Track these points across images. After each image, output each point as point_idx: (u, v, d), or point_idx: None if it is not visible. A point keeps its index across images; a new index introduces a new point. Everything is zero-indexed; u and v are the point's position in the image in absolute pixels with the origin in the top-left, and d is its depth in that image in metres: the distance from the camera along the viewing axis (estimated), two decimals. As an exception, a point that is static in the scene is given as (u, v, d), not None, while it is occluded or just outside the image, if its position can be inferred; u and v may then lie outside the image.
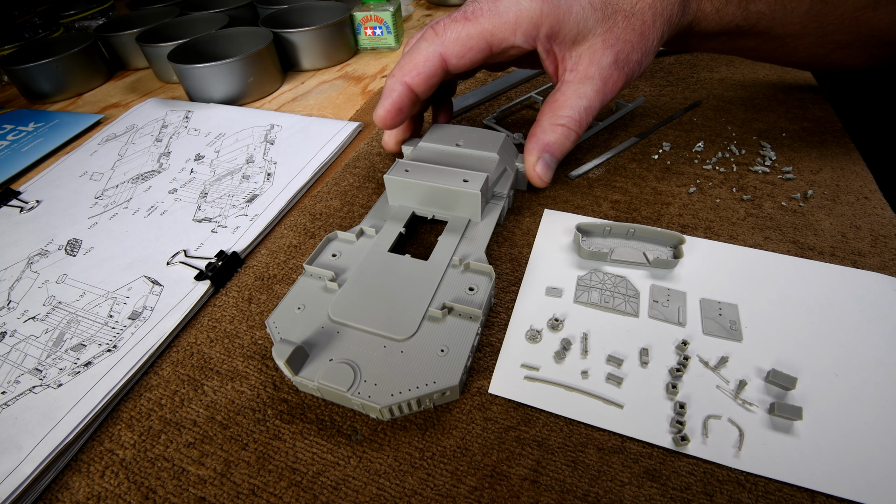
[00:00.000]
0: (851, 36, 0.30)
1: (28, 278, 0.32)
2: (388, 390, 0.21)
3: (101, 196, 0.40)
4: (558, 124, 0.29)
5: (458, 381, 0.22)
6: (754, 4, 0.29)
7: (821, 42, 0.31)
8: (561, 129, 0.29)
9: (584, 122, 0.29)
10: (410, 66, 0.28)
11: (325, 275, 0.26)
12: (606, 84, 0.28)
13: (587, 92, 0.28)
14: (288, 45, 0.56)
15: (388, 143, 0.35)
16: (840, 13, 0.29)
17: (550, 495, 0.20)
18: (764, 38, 0.31)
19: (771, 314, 0.25)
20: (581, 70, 0.27)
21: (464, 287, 0.26)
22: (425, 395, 0.21)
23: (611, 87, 0.28)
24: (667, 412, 0.22)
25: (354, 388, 0.21)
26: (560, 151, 0.30)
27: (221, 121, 0.48)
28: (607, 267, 0.28)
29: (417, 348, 0.23)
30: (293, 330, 0.24)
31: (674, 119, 0.41)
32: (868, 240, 0.29)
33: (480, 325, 0.24)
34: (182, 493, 0.21)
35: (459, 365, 0.22)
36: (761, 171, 0.35)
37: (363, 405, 0.21)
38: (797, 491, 0.19)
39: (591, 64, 0.27)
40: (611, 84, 0.28)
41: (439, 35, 0.27)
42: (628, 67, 0.28)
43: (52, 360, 0.26)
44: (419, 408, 0.22)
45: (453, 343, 0.23)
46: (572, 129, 0.29)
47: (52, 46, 0.62)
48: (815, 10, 0.29)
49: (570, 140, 0.29)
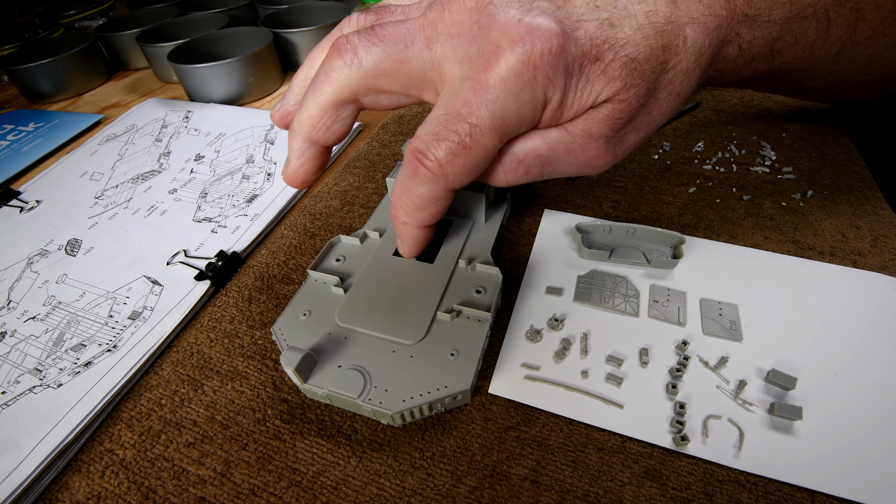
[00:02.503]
0: (874, 77, 0.28)
1: (28, 278, 0.32)
2: (399, 396, 0.21)
3: (101, 196, 0.39)
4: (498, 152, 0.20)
5: (470, 384, 0.21)
6: (780, 57, 0.24)
7: (841, 83, 0.29)
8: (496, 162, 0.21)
9: (528, 170, 0.21)
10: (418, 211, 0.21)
11: (330, 280, 0.26)
12: (585, 151, 0.20)
13: (555, 140, 0.20)
14: (288, 45, 0.56)
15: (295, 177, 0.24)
16: (869, 53, 0.26)
17: (550, 495, 0.20)
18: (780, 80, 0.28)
19: (771, 314, 0.25)
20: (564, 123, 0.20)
21: (471, 289, 0.25)
22: (437, 399, 0.21)
23: (588, 157, 0.21)
24: (667, 412, 0.22)
25: (365, 395, 0.21)
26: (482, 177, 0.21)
27: (221, 121, 0.48)
28: (607, 267, 0.28)
29: (427, 352, 0.23)
30: (300, 337, 0.24)
31: (674, 119, 0.41)
32: (868, 240, 0.29)
33: (490, 327, 0.24)
34: (182, 493, 0.21)
35: (471, 368, 0.22)
36: (761, 171, 0.35)
37: (374, 412, 0.21)
38: (797, 491, 0.19)
39: (579, 123, 0.20)
40: (590, 155, 0.20)
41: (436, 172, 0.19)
42: (623, 146, 0.21)
43: (52, 360, 0.26)
44: (431, 413, 0.22)
45: (463, 346, 0.23)
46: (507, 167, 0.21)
47: (52, 46, 0.62)
48: (843, 53, 0.26)
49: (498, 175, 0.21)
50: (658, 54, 0.19)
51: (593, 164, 0.21)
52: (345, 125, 0.22)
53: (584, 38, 0.18)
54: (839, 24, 0.24)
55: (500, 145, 0.20)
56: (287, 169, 0.23)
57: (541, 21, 0.18)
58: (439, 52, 0.20)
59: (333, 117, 0.22)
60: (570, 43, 0.18)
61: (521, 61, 0.17)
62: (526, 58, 0.17)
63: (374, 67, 0.20)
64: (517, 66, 0.18)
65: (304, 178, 0.24)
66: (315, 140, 0.22)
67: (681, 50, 0.19)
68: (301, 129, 0.22)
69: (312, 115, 0.22)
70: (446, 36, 0.19)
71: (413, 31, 0.20)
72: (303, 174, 0.23)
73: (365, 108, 0.22)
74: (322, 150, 0.23)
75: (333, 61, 0.21)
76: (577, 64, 0.18)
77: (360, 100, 0.22)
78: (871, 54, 0.26)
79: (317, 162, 0.23)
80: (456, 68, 0.19)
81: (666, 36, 0.19)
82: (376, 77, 0.20)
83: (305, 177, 0.24)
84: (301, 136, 0.22)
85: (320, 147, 0.23)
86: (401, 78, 0.21)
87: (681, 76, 0.20)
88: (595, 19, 0.18)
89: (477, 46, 0.18)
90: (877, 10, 0.24)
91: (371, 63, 0.20)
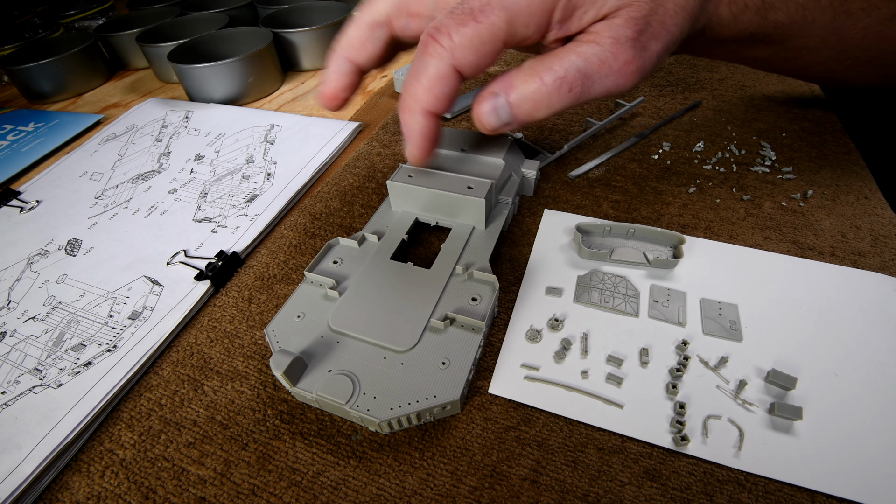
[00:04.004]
0: (872, 52, 0.29)
1: (28, 278, 0.32)
2: (387, 404, 0.21)
3: (101, 196, 0.40)
4: (536, 72, 0.22)
5: (460, 395, 0.21)
6: (773, 13, 0.26)
7: (838, 57, 0.29)
8: (536, 81, 0.22)
9: (571, 87, 0.22)
10: (425, 91, 0.23)
11: (326, 282, 0.26)
12: (617, 58, 0.22)
13: (589, 53, 0.22)
14: (288, 45, 0.56)
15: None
16: (864, 25, 0.27)
17: (550, 495, 0.20)
18: (778, 48, 0.29)
19: (771, 314, 0.25)
20: (589, 35, 0.22)
21: (467, 297, 0.25)
22: (425, 409, 0.21)
23: (621, 64, 0.22)
24: (667, 412, 0.22)
25: (353, 401, 0.21)
26: (522, 103, 0.23)
27: (221, 121, 0.48)
28: (607, 267, 0.28)
29: (418, 360, 0.22)
30: (292, 339, 0.24)
31: (674, 119, 0.41)
32: (868, 240, 0.29)
33: (483, 338, 0.24)
34: (182, 493, 0.21)
35: (461, 379, 0.22)
36: (761, 171, 0.35)
37: (362, 418, 0.21)
38: (797, 491, 0.19)
39: (604, 31, 0.22)
40: (622, 61, 0.22)
41: (445, 45, 0.22)
42: (647, 54, 0.22)
43: (52, 360, 0.26)
44: (419, 422, 0.22)
45: (455, 355, 0.23)
46: (550, 86, 0.22)
47: (52, 46, 0.62)
48: (837, 22, 0.26)
49: (542, 98, 0.22)
50: None
51: (626, 70, 0.22)
52: (377, 46, 0.25)
53: None
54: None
55: (509, 31, 0.22)
56: (322, 86, 0.26)
57: None
58: None
59: (367, 36, 0.25)
60: None
61: None
62: None
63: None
64: None
65: (334, 92, 0.26)
66: (349, 57, 0.25)
67: None
68: (339, 48, 0.26)
69: (350, 34, 0.25)
70: None
71: None
72: (334, 89, 0.26)
73: (397, 34, 0.25)
74: (355, 69, 0.26)
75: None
76: None
77: (392, 23, 0.25)
78: (865, 27, 0.27)
79: (348, 78, 0.26)
80: None
81: None
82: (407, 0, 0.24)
83: (336, 92, 0.26)
84: (338, 53, 0.26)
85: (353, 66, 0.26)
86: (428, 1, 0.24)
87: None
88: None
89: None
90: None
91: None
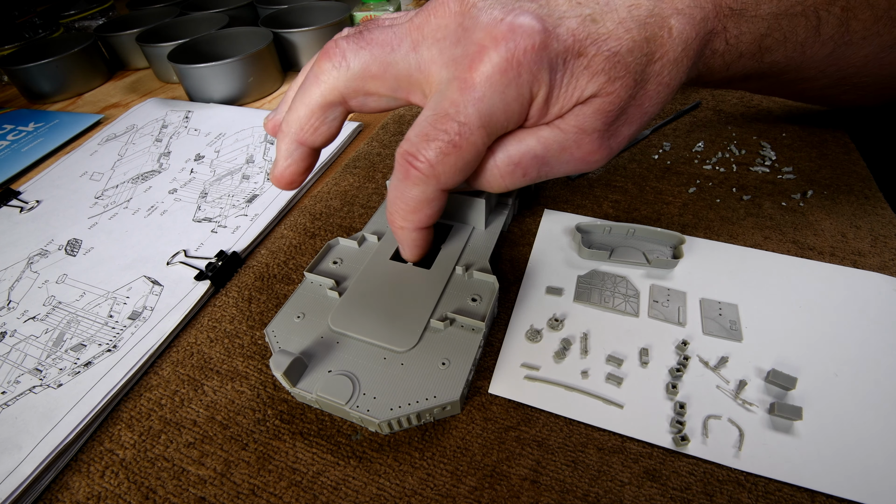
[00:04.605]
0: (872, 78, 0.28)
1: (28, 278, 0.32)
2: (387, 404, 0.21)
3: (101, 196, 0.40)
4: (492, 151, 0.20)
5: (460, 395, 0.21)
6: (769, 55, 0.24)
7: (837, 84, 0.29)
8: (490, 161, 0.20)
9: (526, 171, 0.21)
10: (414, 215, 0.21)
11: (326, 283, 0.26)
12: (580, 147, 0.20)
13: (549, 139, 0.20)
14: (288, 45, 0.56)
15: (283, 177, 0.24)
16: (864, 54, 0.26)
17: (550, 495, 0.20)
18: (773, 80, 0.28)
19: (771, 314, 0.25)
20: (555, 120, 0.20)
21: (467, 297, 0.25)
22: (425, 409, 0.21)
23: (584, 154, 0.20)
24: (667, 412, 0.22)
25: (353, 402, 0.21)
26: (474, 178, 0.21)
27: (221, 121, 0.48)
28: (607, 267, 0.28)
29: (418, 361, 0.22)
30: (292, 339, 0.24)
31: (674, 119, 0.41)
32: (868, 240, 0.29)
33: (483, 338, 0.24)
34: (182, 493, 0.21)
35: (461, 379, 0.22)
36: (761, 171, 0.35)
37: (361, 419, 0.21)
38: (797, 491, 0.19)
39: (570, 119, 0.20)
40: (585, 151, 0.20)
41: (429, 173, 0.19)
42: (615, 140, 0.21)
43: (52, 360, 0.26)
44: (419, 422, 0.22)
45: (455, 356, 0.23)
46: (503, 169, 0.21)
47: (52, 46, 0.62)
48: (837, 53, 0.25)
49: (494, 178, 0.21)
50: (642, 46, 0.19)
51: (589, 159, 0.21)
52: (332, 127, 0.23)
53: (566, 34, 0.18)
54: (830, 23, 0.24)
55: (489, 143, 0.20)
56: (275, 170, 0.24)
57: (522, 19, 0.18)
58: (426, 55, 0.20)
59: (321, 118, 0.22)
60: (553, 39, 0.18)
61: (504, 59, 0.18)
62: (509, 55, 0.18)
63: (362, 70, 0.20)
64: (501, 63, 0.18)
65: (290, 178, 0.24)
66: (303, 141, 0.23)
67: (666, 41, 0.20)
68: (289, 131, 0.22)
69: (300, 116, 0.22)
70: (432, 40, 0.20)
71: (400, 35, 0.20)
72: (289, 175, 0.23)
73: (353, 110, 0.23)
74: (309, 152, 0.23)
75: (322, 64, 0.21)
76: (560, 59, 0.18)
77: (348, 102, 0.22)
78: (866, 55, 0.26)
79: (304, 163, 0.23)
80: (443, 70, 0.19)
81: (650, 28, 0.19)
82: (364, 79, 0.21)
83: (292, 178, 0.24)
84: (289, 137, 0.23)
85: (308, 149, 0.23)
86: (388, 80, 0.21)
87: (668, 66, 0.20)
88: (577, 16, 0.19)
89: (462, 48, 0.19)
90: (870, 10, 0.24)
91: (359, 65, 0.20)
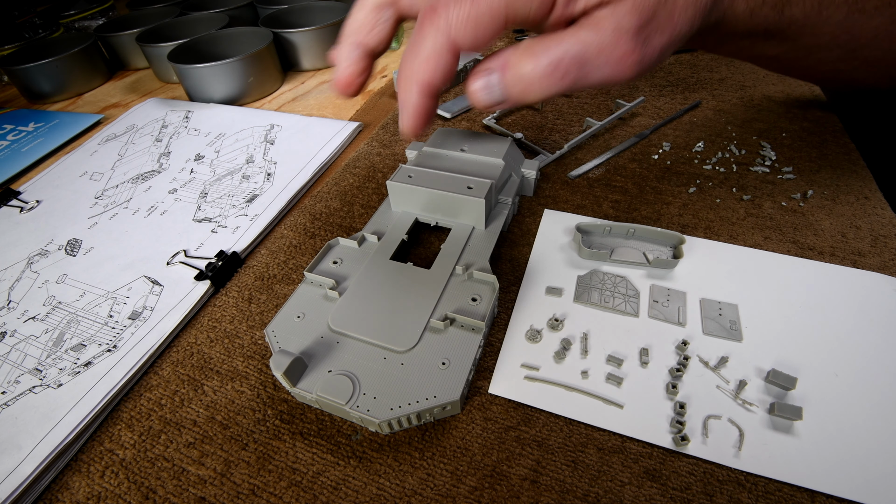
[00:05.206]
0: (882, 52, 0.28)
1: (28, 278, 0.32)
2: (387, 404, 0.21)
3: (101, 196, 0.40)
4: (533, 53, 0.21)
5: (460, 395, 0.21)
6: (790, 9, 0.25)
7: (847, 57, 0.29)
8: (531, 63, 0.21)
9: (566, 72, 0.21)
10: (420, 66, 0.23)
11: (326, 283, 0.26)
12: (617, 47, 0.21)
13: (588, 39, 0.21)
14: (288, 45, 0.56)
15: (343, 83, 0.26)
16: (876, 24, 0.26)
17: (550, 495, 0.20)
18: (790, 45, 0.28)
19: (771, 314, 0.25)
20: (591, 21, 0.21)
21: (467, 297, 0.25)
22: (425, 409, 0.21)
23: (620, 55, 0.21)
24: (667, 412, 0.22)
25: (353, 402, 0.21)
26: (515, 84, 0.22)
27: (221, 121, 0.48)
28: (607, 267, 0.28)
29: (418, 361, 0.23)
30: (292, 339, 0.24)
31: (674, 119, 0.41)
32: (868, 240, 0.29)
33: (483, 338, 0.24)
34: (182, 493, 0.21)
35: (461, 379, 0.22)
36: (761, 171, 0.35)
37: (362, 419, 0.21)
38: (797, 491, 0.19)
39: (607, 18, 0.21)
40: (621, 51, 0.21)
41: (443, 21, 0.21)
42: (649, 47, 0.22)
43: (52, 360, 0.26)
44: (419, 422, 0.22)
45: (455, 356, 0.23)
46: (545, 69, 0.21)
47: (52, 46, 0.62)
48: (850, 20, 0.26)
49: (535, 81, 0.22)
50: None
51: (624, 61, 0.22)
52: (385, 28, 0.25)
53: None
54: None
55: (509, 10, 0.21)
56: (335, 75, 0.26)
57: None
58: None
59: (375, 19, 0.25)
60: None
61: None
62: None
63: None
64: None
65: (348, 80, 0.26)
66: (360, 42, 0.25)
67: None
68: (348, 33, 0.25)
69: (358, 19, 0.25)
70: None
71: None
72: (348, 76, 0.25)
73: (404, 14, 0.25)
74: (365, 54, 0.25)
75: None
76: None
77: (399, 2, 0.24)
78: (877, 26, 0.27)
79: (360, 64, 0.25)
80: None
81: None
82: None
83: (350, 79, 0.26)
84: (347, 39, 0.25)
85: (364, 51, 0.25)
86: None
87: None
88: None
89: None
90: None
91: None
